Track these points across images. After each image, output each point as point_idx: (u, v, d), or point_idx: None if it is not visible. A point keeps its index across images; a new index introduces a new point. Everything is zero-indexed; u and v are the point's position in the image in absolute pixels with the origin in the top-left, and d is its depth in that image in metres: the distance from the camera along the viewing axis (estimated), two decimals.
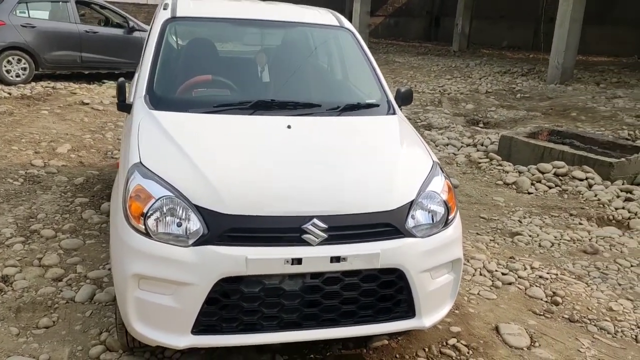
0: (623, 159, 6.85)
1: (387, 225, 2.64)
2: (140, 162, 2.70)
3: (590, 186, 6.31)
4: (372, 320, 2.68)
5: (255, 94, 3.56)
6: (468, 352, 3.11)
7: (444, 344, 3.18)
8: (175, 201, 2.52)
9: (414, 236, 2.67)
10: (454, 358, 3.07)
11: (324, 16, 4.11)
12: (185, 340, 2.51)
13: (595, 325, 3.47)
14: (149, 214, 2.50)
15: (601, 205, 5.71)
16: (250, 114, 3.23)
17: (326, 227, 2.53)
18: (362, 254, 2.54)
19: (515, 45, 23.77)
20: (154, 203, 2.51)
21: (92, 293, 3.55)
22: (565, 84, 13.32)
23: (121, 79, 3.41)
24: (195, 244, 2.46)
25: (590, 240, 4.77)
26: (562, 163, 6.80)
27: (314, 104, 3.38)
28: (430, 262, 2.70)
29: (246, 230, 2.49)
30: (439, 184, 2.88)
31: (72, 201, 4.97)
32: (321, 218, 2.53)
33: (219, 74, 3.66)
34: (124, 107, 3.42)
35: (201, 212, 2.49)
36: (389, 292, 2.66)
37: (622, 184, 6.46)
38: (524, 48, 23.36)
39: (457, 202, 3.01)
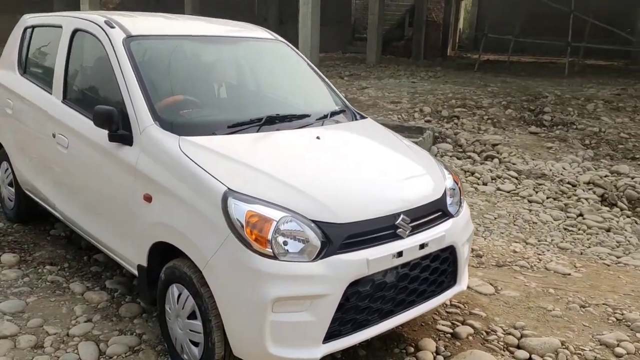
0: (421, 138, 8.34)
1: (439, 210, 3.14)
2: (229, 188, 2.64)
3: None
4: (433, 294, 3.14)
5: (246, 108, 3.60)
6: (465, 306, 3.79)
7: (444, 305, 3.80)
8: (295, 219, 2.59)
9: (452, 216, 3.21)
10: (460, 312, 3.72)
11: (258, 31, 4.26)
12: (320, 350, 2.63)
13: (516, 265, 4.51)
14: (274, 236, 2.53)
15: None
16: (257, 130, 3.29)
17: (409, 219, 2.90)
18: (436, 238, 2.99)
19: None
20: (277, 225, 2.55)
21: (96, 349, 3.19)
22: None
23: (108, 107, 3.10)
24: (323, 256, 2.59)
25: None
26: None
27: (305, 115, 3.59)
28: (465, 235, 3.29)
29: (359, 235, 2.72)
30: (445, 170, 3.47)
31: None
32: (405, 213, 2.90)
33: (200, 91, 3.59)
34: (119, 138, 3.13)
35: (319, 226, 2.62)
36: (444, 267, 3.16)
37: None
38: None
39: None
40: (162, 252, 3.01)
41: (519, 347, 3.36)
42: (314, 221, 2.63)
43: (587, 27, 18.43)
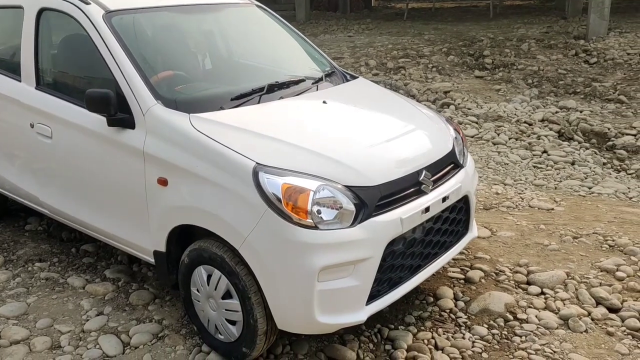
0: None
1: (452, 162, 3.18)
2: (258, 163, 2.57)
3: None
4: (451, 245, 3.21)
5: (237, 79, 3.48)
6: (468, 251, 3.91)
7: None
8: (330, 187, 2.56)
9: (462, 166, 3.27)
10: (466, 258, 3.84)
11: None
12: (364, 312, 2.65)
13: (502, 206, 4.68)
14: (313, 206, 2.50)
15: None
16: (258, 101, 3.19)
17: (431, 175, 2.94)
18: (454, 190, 3.04)
19: None
20: (314, 195, 2.51)
21: (119, 342, 3.09)
22: None
23: (103, 90, 2.91)
24: (360, 220, 2.58)
25: None
26: None
27: (301, 80, 3.50)
28: (475, 183, 3.37)
29: (390, 196, 2.72)
30: (446, 120, 3.51)
31: None
32: (426, 168, 2.92)
33: (186, 65, 3.43)
34: (119, 122, 2.96)
35: (353, 190, 2.61)
36: (460, 216, 3.23)
37: None
38: None
39: None
40: (179, 236, 2.92)
41: (529, 283, 3.52)
42: (348, 187, 2.61)
43: None
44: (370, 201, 2.63)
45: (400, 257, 2.80)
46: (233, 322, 2.80)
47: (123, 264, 3.89)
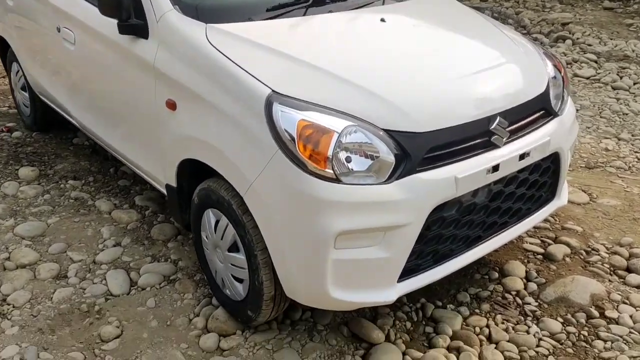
0: None
1: (542, 109, 2.45)
2: (274, 91, 2.00)
3: None
4: (529, 213, 2.52)
5: None
6: (555, 219, 3.18)
7: None
8: (362, 129, 1.96)
9: (557, 114, 2.52)
10: (550, 227, 3.13)
11: None
12: (394, 291, 2.09)
13: (611, 166, 3.82)
14: (335, 153, 1.91)
15: None
16: (304, 14, 2.57)
17: (507, 123, 2.23)
18: (539, 144, 2.33)
19: None
20: (339, 137, 1.92)
21: (127, 279, 2.75)
22: None
23: None
24: (399, 176, 1.98)
25: None
26: None
27: None
28: (571, 138, 2.61)
29: (444, 147, 2.08)
30: (545, 54, 2.73)
31: None
32: (502, 114, 2.22)
33: None
34: (131, 29, 2.48)
35: (394, 136, 1.99)
36: (544, 179, 2.51)
37: None
38: None
39: None
40: (195, 169, 2.46)
41: (629, 269, 2.78)
42: (386, 130, 1.99)
43: None
44: (416, 152, 2.00)
45: (452, 226, 2.18)
46: (240, 280, 2.34)
47: (156, 191, 3.53)
